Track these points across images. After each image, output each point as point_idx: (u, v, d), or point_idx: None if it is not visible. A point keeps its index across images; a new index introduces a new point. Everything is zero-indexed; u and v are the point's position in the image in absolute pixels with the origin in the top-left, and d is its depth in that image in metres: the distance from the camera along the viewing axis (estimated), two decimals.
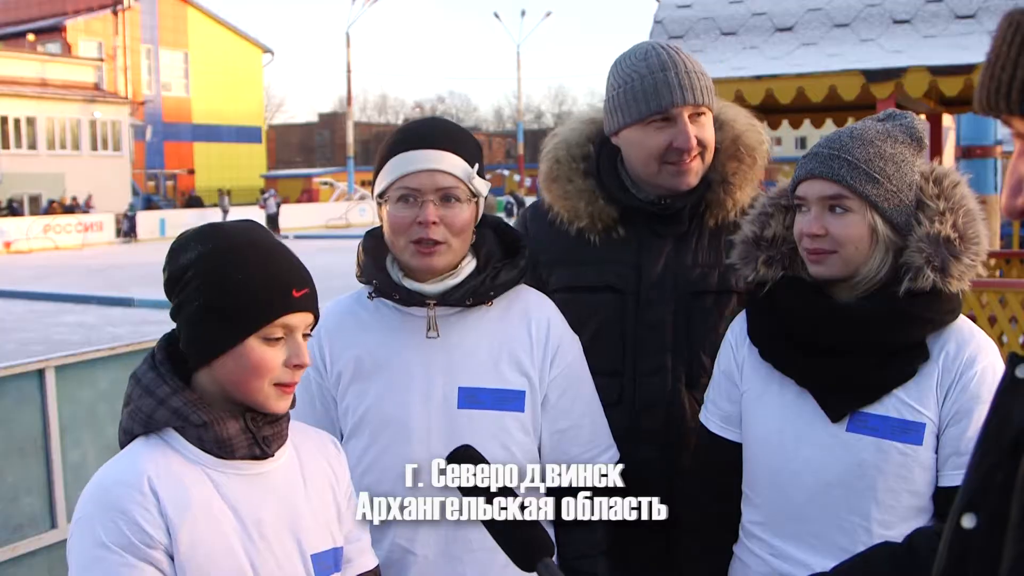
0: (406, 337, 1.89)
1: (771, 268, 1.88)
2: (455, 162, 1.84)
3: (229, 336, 1.47)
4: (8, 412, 4.35)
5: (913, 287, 1.73)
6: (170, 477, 1.44)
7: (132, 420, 1.50)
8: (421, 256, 1.83)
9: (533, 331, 1.93)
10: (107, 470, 1.47)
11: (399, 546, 1.85)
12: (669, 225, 2.16)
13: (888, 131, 1.80)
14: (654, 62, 2.08)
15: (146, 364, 1.54)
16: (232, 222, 1.57)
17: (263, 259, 1.50)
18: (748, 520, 1.91)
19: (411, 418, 1.85)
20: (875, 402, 1.75)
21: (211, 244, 1.50)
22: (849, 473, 1.75)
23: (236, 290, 1.46)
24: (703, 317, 2.15)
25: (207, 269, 1.48)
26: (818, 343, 1.79)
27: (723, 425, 1.97)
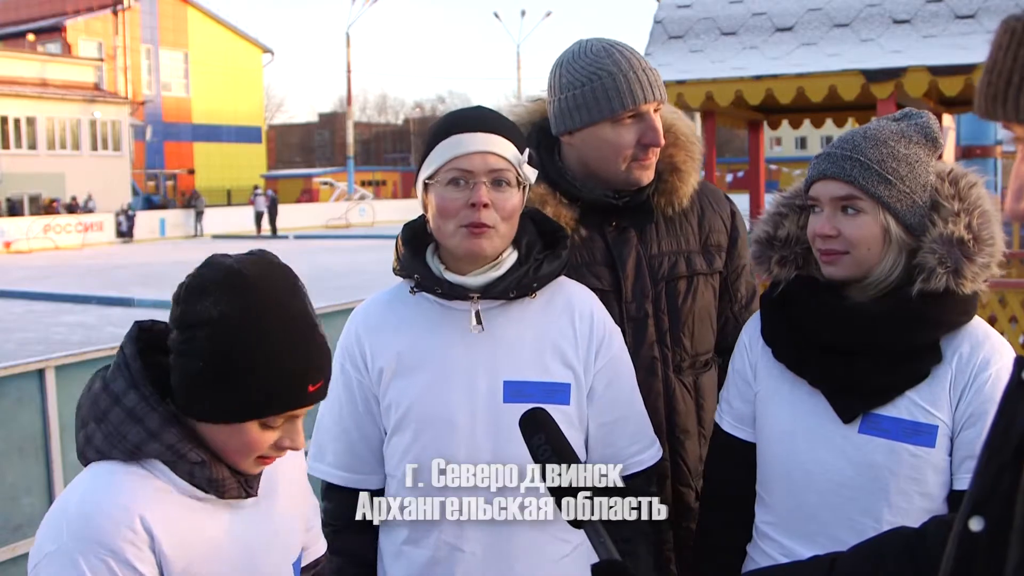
0: (448, 331, 1.87)
1: (785, 268, 1.88)
2: (506, 146, 1.82)
3: (227, 415, 1.36)
4: (8, 412, 4.35)
5: (926, 288, 1.72)
6: (162, 512, 1.35)
7: (111, 444, 1.37)
8: (472, 238, 1.80)
9: (577, 322, 1.91)
10: (87, 500, 1.33)
11: (446, 543, 1.84)
12: (636, 217, 2.16)
13: (903, 131, 1.78)
14: (620, 59, 2.08)
15: (122, 379, 1.39)
16: (261, 273, 1.37)
17: (286, 343, 1.35)
18: (761, 520, 1.91)
19: (455, 413, 1.83)
20: (887, 404, 1.74)
21: (235, 305, 1.33)
22: (861, 475, 1.74)
23: (249, 375, 1.33)
24: (680, 302, 2.18)
25: (223, 338, 1.32)
26: (830, 343, 1.78)
27: (736, 424, 1.96)
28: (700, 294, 2.20)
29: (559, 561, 1.87)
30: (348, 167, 46.53)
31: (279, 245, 30.74)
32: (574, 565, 1.88)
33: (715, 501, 2.01)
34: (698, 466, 2.19)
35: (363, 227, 38.83)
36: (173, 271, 22.65)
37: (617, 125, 2.08)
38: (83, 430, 1.41)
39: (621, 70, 2.07)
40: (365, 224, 39.96)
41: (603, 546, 1.35)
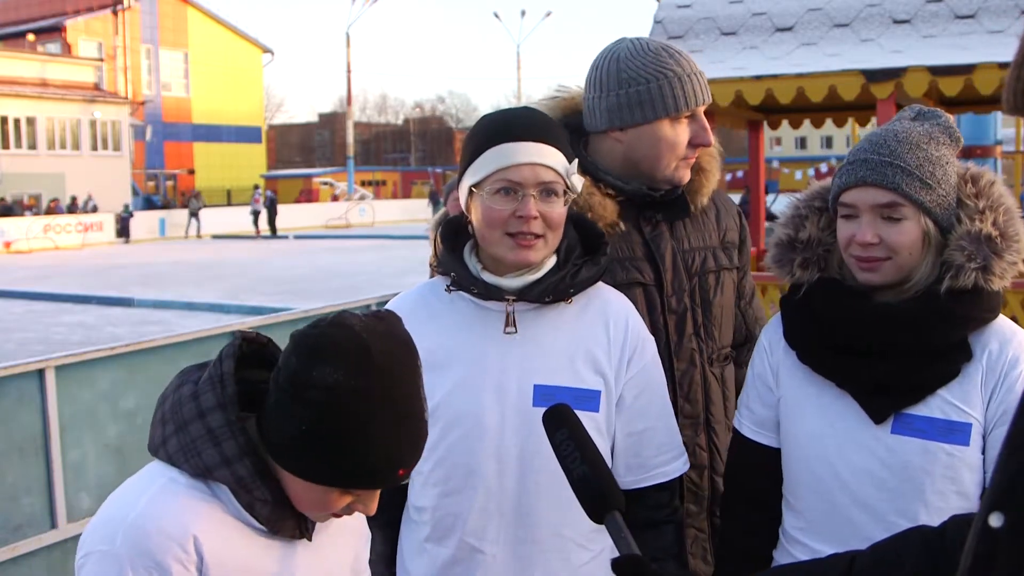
0: (481, 331, 1.86)
1: (807, 270, 1.86)
2: (556, 156, 1.81)
3: (316, 478, 1.35)
4: (8, 412, 4.35)
5: (955, 285, 1.71)
6: (217, 537, 1.35)
7: (184, 456, 1.36)
8: (520, 249, 1.79)
9: (611, 330, 1.90)
10: (147, 511, 1.32)
11: (468, 544, 1.83)
12: (669, 212, 2.20)
13: (930, 133, 1.77)
14: (681, 60, 2.12)
15: (213, 394, 1.37)
16: (386, 349, 1.34)
17: (392, 430, 1.33)
18: (790, 525, 1.89)
19: (484, 414, 1.82)
20: (919, 403, 1.72)
21: (354, 382, 1.30)
22: (895, 476, 1.73)
23: (347, 453, 1.32)
24: (712, 295, 2.21)
25: (333, 411, 1.30)
26: (859, 345, 1.76)
27: (757, 430, 1.95)
28: (726, 289, 2.25)
29: (580, 568, 1.86)
30: (348, 167, 46.53)
31: (279, 245, 30.74)
32: (595, 572, 1.88)
33: (737, 508, 2.00)
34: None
35: (363, 227, 38.84)
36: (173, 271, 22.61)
37: (675, 124, 2.11)
38: (162, 426, 1.40)
39: (684, 71, 2.11)
40: (365, 224, 39.96)
41: (623, 541, 1.34)
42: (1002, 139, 13.54)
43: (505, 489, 1.82)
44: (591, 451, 1.44)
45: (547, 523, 1.83)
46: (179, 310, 15.85)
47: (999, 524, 0.98)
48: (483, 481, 1.82)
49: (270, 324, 5.72)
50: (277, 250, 28.41)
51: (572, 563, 1.85)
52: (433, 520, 1.87)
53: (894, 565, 1.28)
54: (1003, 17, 5.54)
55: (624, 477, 1.91)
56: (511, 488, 1.82)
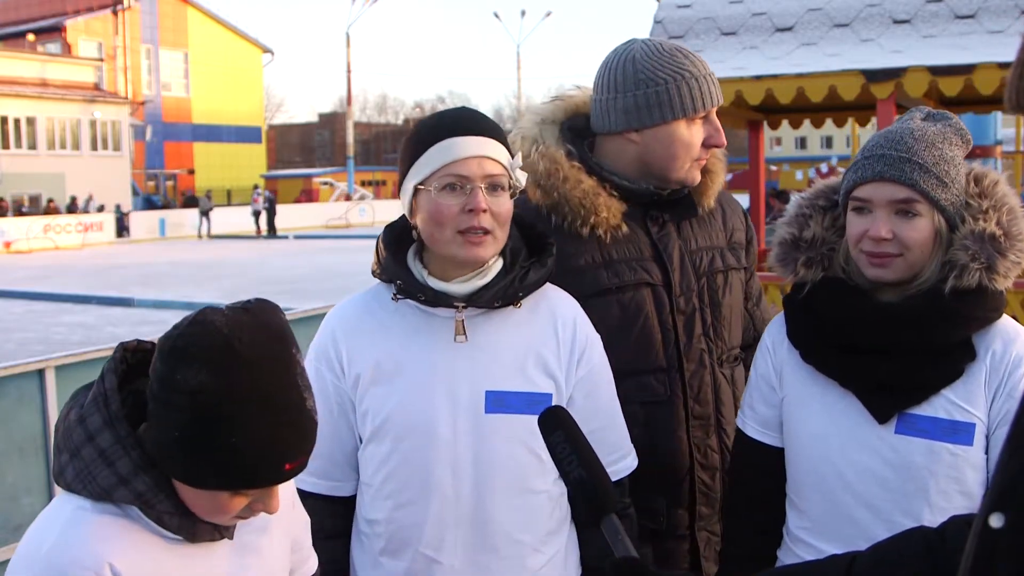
0: (430, 339, 1.83)
1: (811, 270, 1.86)
2: (500, 150, 1.80)
3: (199, 483, 1.32)
4: (8, 412, 4.35)
5: (959, 285, 1.71)
6: (134, 557, 1.32)
7: (81, 482, 1.33)
8: (470, 246, 1.76)
9: (560, 331, 1.89)
10: (58, 544, 1.30)
11: (424, 555, 1.82)
12: (676, 212, 2.19)
13: (943, 132, 1.77)
14: (696, 62, 2.11)
15: (99, 415, 1.34)
16: (254, 341, 1.29)
17: (267, 425, 1.29)
18: (794, 525, 1.88)
19: (437, 423, 1.79)
20: (923, 403, 1.72)
21: (219, 381, 1.26)
22: (899, 476, 1.73)
23: (223, 452, 1.28)
24: (721, 296, 2.21)
25: (201, 412, 1.27)
26: (863, 344, 1.76)
27: (761, 430, 1.94)
28: (734, 289, 2.25)
29: (537, 572, 1.85)
30: (348, 167, 46.52)
31: (279, 245, 30.74)
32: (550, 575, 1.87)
33: (740, 508, 1.99)
34: None
35: (363, 227, 38.81)
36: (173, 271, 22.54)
37: (691, 125, 2.10)
38: (58, 456, 1.37)
39: (701, 72, 2.10)
40: (365, 224, 39.94)
41: (621, 543, 1.34)
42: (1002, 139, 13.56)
43: (461, 498, 1.80)
44: (587, 454, 1.43)
45: (504, 529, 1.81)
46: (179, 310, 15.84)
47: (999, 524, 0.98)
48: (438, 491, 1.79)
49: None
50: (277, 250, 28.40)
51: (529, 568, 1.84)
52: (388, 533, 1.84)
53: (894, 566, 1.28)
54: (1003, 17, 5.54)
55: None
56: (467, 496, 1.80)
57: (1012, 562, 0.96)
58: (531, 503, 1.83)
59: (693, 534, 2.18)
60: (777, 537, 1.94)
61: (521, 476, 1.82)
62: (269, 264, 23.29)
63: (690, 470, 2.14)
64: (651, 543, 2.14)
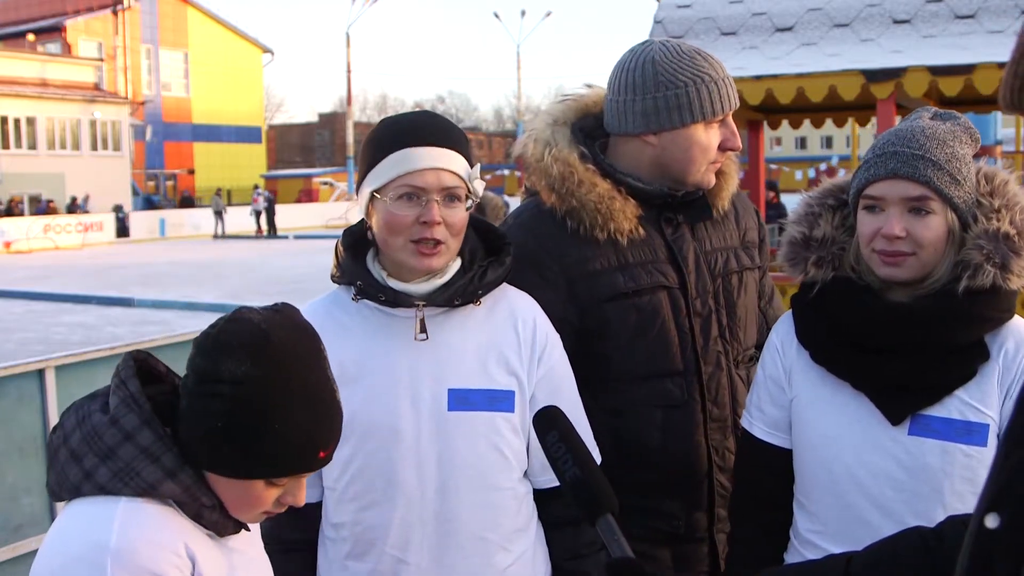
0: (391, 339, 1.83)
1: (821, 269, 1.84)
2: (459, 161, 1.80)
3: (237, 472, 1.37)
4: (8, 412, 4.35)
5: (972, 285, 1.69)
6: (198, 542, 1.37)
7: (121, 481, 1.33)
8: (421, 256, 1.78)
9: (520, 329, 1.89)
10: (127, 532, 1.30)
11: (391, 556, 1.82)
12: (690, 214, 2.18)
13: (953, 131, 1.75)
14: (716, 65, 2.11)
15: (134, 415, 1.37)
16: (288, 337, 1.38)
17: (305, 412, 1.36)
18: (803, 528, 1.87)
19: (400, 422, 1.80)
20: (936, 404, 1.71)
21: (260, 369, 1.33)
22: (914, 478, 1.71)
23: (264, 439, 1.34)
24: (736, 296, 2.20)
25: (244, 400, 1.33)
26: (875, 344, 1.75)
27: (769, 431, 1.93)
28: (749, 289, 2.25)
29: (504, 571, 1.85)
30: (348, 167, 46.50)
31: (279, 245, 30.74)
32: (518, 573, 1.87)
33: (748, 510, 1.98)
34: None
35: None
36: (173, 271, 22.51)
37: (708, 128, 2.10)
38: (76, 463, 1.36)
39: (719, 75, 2.10)
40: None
41: (617, 543, 1.34)
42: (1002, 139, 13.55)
43: (426, 497, 1.80)
44: (582, 453, 1.43)
45: (469, 528, 1.81)
46: (179, 310, 15.85)
47: (995, 525, 0.98)
48: (403, 491, 1.80)
49: None
50: (277, 250, 28.40)
51: (496, 566, 1.84)
52: (353, 536, 1.84)
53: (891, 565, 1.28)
54: (1003, 17, 5.54)
55: (539, 476, 1.91)
56: (432, 496, 1.80)
57: (1008, 562, 0.96)
58: (496, 500, 1.84)
59: (712, 536, 2.17)
60: (784, 539, 1.92)
61: (485, 473, 1.82)
62: (269, 264, 23.29)
63: (708, 473, 2.13)
64: (669, 546, 2.14)
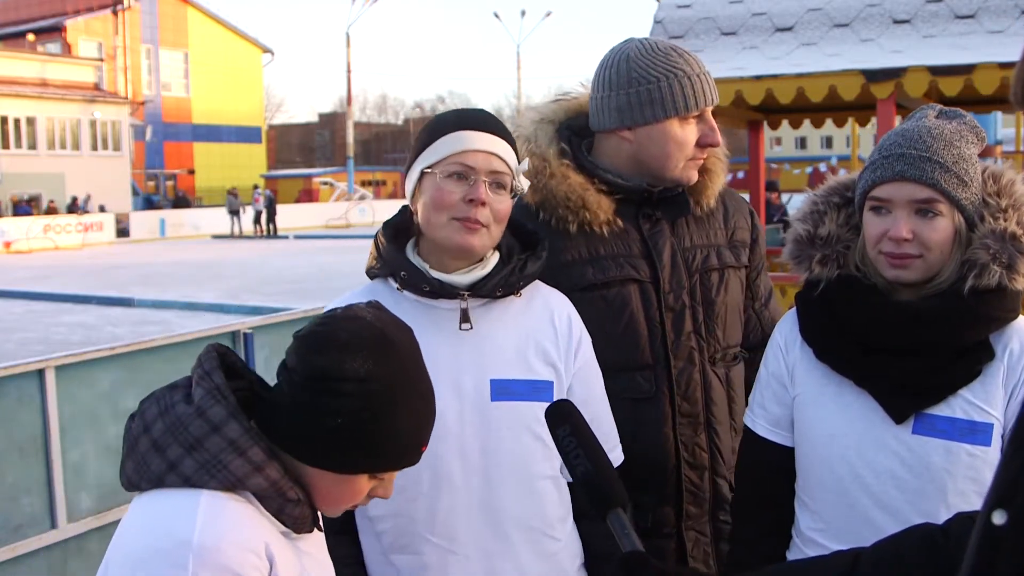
0: (433, 330, 1.84)
1: (826, 267, 1.84)
2: (509, 152, 1.85)
3: (351, 468, 1.38)
4: (8, 412, 4.35)
5: (979, 284, 1.69)
6: (276, 542, 1.36)
7: (207, 473, 1.31)
8: (464, 232, 1.80)
9: (556, 322, 1.93)
10: (211, 529, 1.28)
11: (438, 547, 1.83)
12: (670, 209, 2.20)
13: (959, 131, 1.75)
14: (691, 60, 2.13)
15: (220, 407, 1.35)
16: (402, 337, 1.41)
17: (419, 410, 1.40)
18: (806, 526, 1.86)
19: (444, 413, 1.78)
20: (940, 403, 1.71)
21: (384, 367, 1.36)
22: (918, 477, 1.71)
23: (386, 438, 1.36)
24: (713, 294, 2.21)
25: (372, 398, 1.34)
26: (881, 343, 1.74)
27: (771, 428, 1.92)
28: (731, 287, 2.25)
29: (550, 558, 1.87)
30: (348, 167, 46.51)
31: (279, 245, 30.73)
32: (564, 561, 1.89)
33: (750, 509, 1.98)
34: (731, 458, 2.22)
35: (363, 227, 38.79)
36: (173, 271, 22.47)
37: (684, 123, 2.12)
38: (159, 454, 1.33)
39: (694, 71, 2.12)
40: (365, 224, 39.92)
41: (628, 537, 1.34)
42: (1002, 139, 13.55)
43: (471, 487, 1.82)
44: (593, 448, 1.44)
45: (515, 517, 1.83)
46: (179, 310, 15.85)
47: (1002, 522, 0.98)
48: (448, 482, 1.81)
49: (270, 324, 5.72)
50: (277, 250, 28.39)
51: (542, 554, 1.86)
52: (395, 528, 1.85)
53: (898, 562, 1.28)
54: (1003, 17, 5.54)
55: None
56: (477, 485, 1.82)
57: (1015, 559, 0.96)
58: (540, 489, 1.86)
59: (680, 533, 2.18)
60: (785, 538, 1.92)
61: (529, 462, 1.84)
62: (269, 264, 23.28)
63: (677, 468, 2.15)
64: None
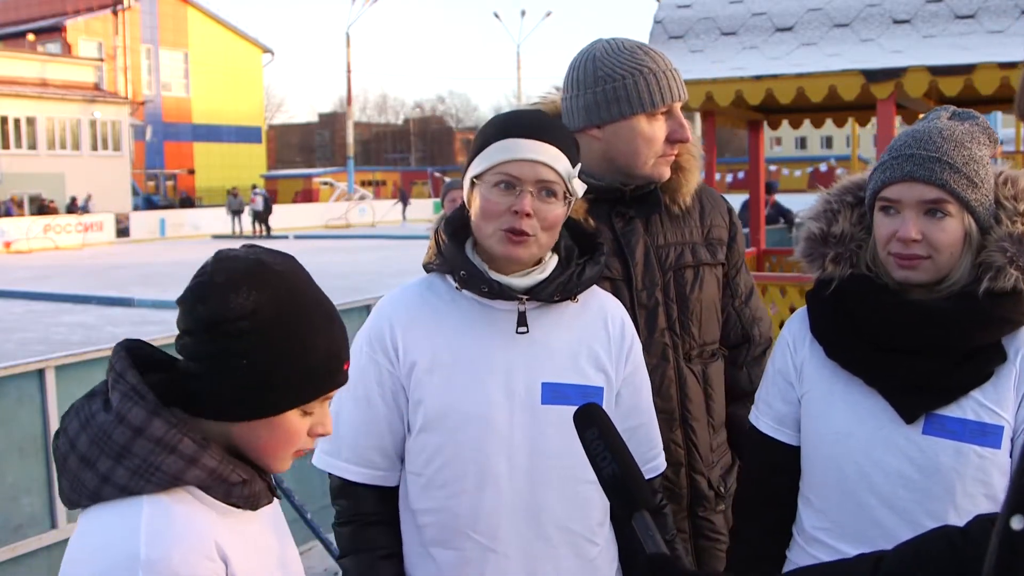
0: (487, 330, 1.85)
1: (839, 266, 1.83)
2: (559, 158, 1.82)
3: (274, 407, 1.33)
4: (8, 412, 4.35)
5: (994, 287, 1.69)
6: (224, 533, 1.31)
7: (142, 479, 1.26)
8: (509, 244, 1.80)
9: (610, 328, 1.93)
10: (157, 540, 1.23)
11: (479, 544, 1.83)
12: (642, 207, 2.22)
13: (971, 132, 1.74)
14: (656, 58, 2.15)
15: (139, 408, 1.28)
16: (283, 261, 1.36)
17: (323, 324, 1.35)
18: (810, 525, 1.86)
19: (494, 414, 1.82)
20: (951, 404, 1.70)
21: (269, 291, 1.30)
22: (927, 477, 1.70)
23: (293, 363, 1.31)
24: (687, 291, 2.24)
25: (268, 327, 1.29)
26: (892, 343, 1.74)
27: (776, 427, 1.92)
28: (706, 284, 2.26)
29: (590, 562, 1.88)
30: (348, 167, 46.51)
31: (278, 245, 30.66)
32: (603, 565, 1.91)
33: (753, 507, 1.97)
34: (709, 455, 2.25)
35: (363, 227, 38.80)
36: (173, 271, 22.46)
37: (651, 120, 2.14)
38: (90, 468, 1.28)
39: (660, 68, 2.14)
40: (365, 224, 39.93)
41: (652, 539, 1.34)
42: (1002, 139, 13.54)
43: (516, 488, 1.82)
44: (621, 450, 1.44)
45: (557, 519, 1.84)
46: None
47: (1021, 527, 0.98)
48: (494, 480, 1.82)
49: None
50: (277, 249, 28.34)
51: (582, 557, 1.87)
52: (439, 522, 1.86)
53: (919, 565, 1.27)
54: (1003, 17, 5.55)
55: None
56: (522, 486, 1.82)
57: None
58: (584, 493, 1.86)
59: None
60: (787, 536, 1.92)
61: (575, 467, 1.82)
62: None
63: None
64: None
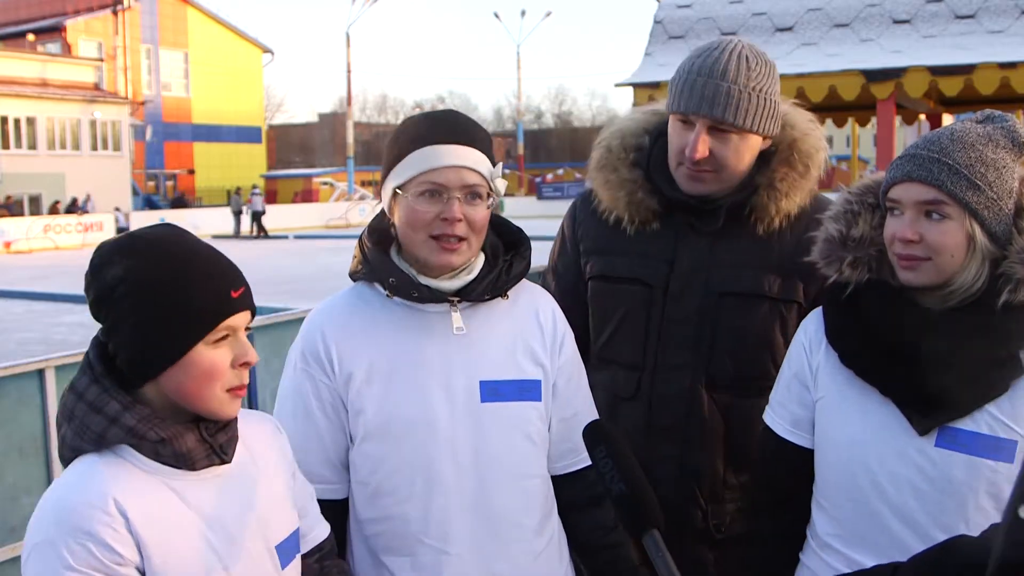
0: (422, 335, 1.84)
1: (857, 270, 1.79)
2: (481, 159, 1.81)
3: (174, 347, 1.43)
4: (8, 412, 4.35)
5: (1014, 300, 1.66)
6: (134, 493, 1.41)
7: (80, 438, 1.44)
8: (442, 252, 1.79)
9: (542, 320, 1.93)
10: (65, 491, 1.41)
11: (432, 548, 1.82)
12: (705, 221, 2.13)
13: (989, 134, 1.71)
14: (706, 62, 2.04)
15: (85, 376, 1.47)
16: (151, 228, 1.50)
17: (195, 264, 1.45)
18: (822, 530, 1.84)
19: (436, 418, 1.81)
20: (965, 417, 1.68)
21: (137, 256, 1.44)
22: (938, 490, 1.68)
23: (174, 300, 1.42)
24: (729, 318, 2.12)
25: (138, 282, 1.42)
26: (908, 353, 1.71)
27: (792, 430, 1.89)
28: (761, 316, 2.12)
29: (540, 554, 1.89)
30: (348, 167, 46.50)
31: (279, 245, 30.74)
32: (552, 556, 1.92)
33: (767, 509, 1.96)
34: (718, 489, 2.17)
35: (363, 227, 38.72)
36: None
37: (675, 122, 2.09)
38: (59, 433, 1.48)
39: (697, 71, 2.03)
40: (365, 224, 39.78)
41: (662, 559, 1.32)
42: None
43: (464, 488, 1.82)
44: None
45: (507, 516, 1.84)
46: None
47: None
48: (441, 483, 1.81)
49: (270, 324, 5.72)
50: (277, 250, 28.39)
51: (532, 551, 1.88)
52: (388, 531, 1.84)
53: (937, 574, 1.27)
54: (1003, 17, 5.55)
55: (557, 462, 1.95)
56: (469, 486, 1.82)
57: None
58: (529, 487, 1.87)
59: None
60: (800, 539, 1.91)
61: (519, 462, 1.86)
62: (268, 264, 23.28)
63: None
64: None
